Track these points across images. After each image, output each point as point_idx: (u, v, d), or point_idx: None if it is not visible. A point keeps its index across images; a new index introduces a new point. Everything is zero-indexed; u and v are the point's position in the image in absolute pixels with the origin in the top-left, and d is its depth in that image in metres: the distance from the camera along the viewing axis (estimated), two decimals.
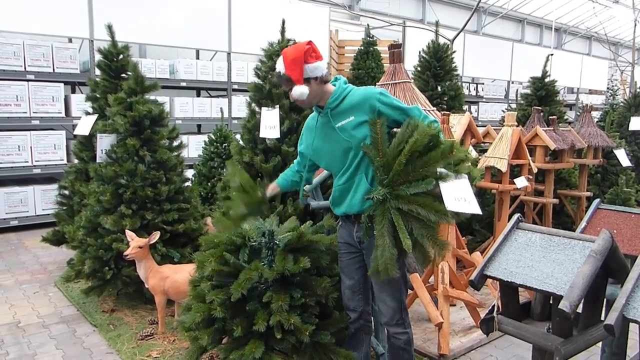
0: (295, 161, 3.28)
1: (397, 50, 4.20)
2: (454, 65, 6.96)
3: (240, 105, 9.32)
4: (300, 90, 2.75)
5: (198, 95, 10.52)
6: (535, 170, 5.12)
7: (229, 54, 9.31)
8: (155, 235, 4.03)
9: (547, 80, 7.35)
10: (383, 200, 2.57)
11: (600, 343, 2.68)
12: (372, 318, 3.34)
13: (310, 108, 3.04)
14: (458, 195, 2.51)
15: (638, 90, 8.97)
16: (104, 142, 4.66)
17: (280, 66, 2.81)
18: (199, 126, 10.24)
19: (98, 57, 5.38)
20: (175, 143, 4.92)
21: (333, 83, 2.92)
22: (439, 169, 2.56)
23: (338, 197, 2.97)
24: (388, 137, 2.76)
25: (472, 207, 2.48)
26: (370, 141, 2.70)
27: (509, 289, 2.27)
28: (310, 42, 2.82)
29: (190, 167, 7.02)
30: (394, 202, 2.54)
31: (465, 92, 13.12)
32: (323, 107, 2.87)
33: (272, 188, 3.23)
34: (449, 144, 2.60)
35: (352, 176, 2.85)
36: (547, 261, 2.12)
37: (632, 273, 1.94)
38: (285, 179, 3.26)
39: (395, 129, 2.82)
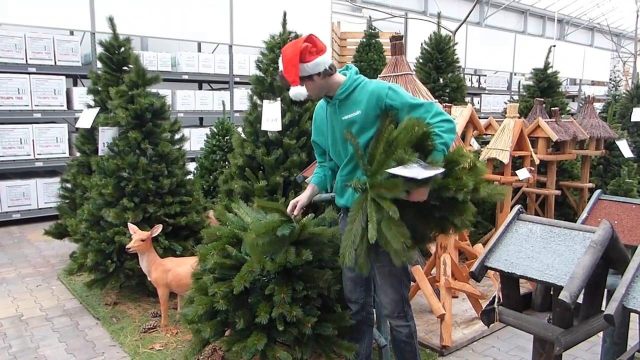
0: (315, 156, 3.23)
1: (398, 42, 4.19)
2: (456, 57, 6.95)
3: (242, 98, 9.31)
4: (295, 91, 2.70)
5: (200, 88, 10.51)
6: (537, 162, 5.11)
7: (230, 46, 9.29)
8: (158, 228, 4.04)
9: (549, 71, 7.34)
10: (364, 190, 2.50)
11: (601, 333, 2.68)
12: (374, 310, 3.35)
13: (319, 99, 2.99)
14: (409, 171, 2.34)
15: None
16: (106, 135, 4.67)
17: (280, 65, 2.77)
18: (200, 119, 10.24)
19: (99, 49, 5.37)
20: (177, 136, 4.92)
21: (343, 72, 2.86)
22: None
23: (340, 187, 2.97)
24: (375, 126, 2.71)
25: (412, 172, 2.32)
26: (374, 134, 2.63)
27: (509, 280, 2.28)
28: (309, 37, 2.76)
29: (193, 160, 7.04)
30: (371, 192, 2.45)
31: (468, 83, 13.10)
32: (332, 97, 2.83)
33: (310, 188, 3.11)
34: (422, 132, 2.46)
35: (354, 168, 2.83)
36: (548, 252, 2.12)
37: (632, 263, 1.94)
38: (317, 176, 3.16)
39: None
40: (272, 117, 4.21)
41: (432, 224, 2.64)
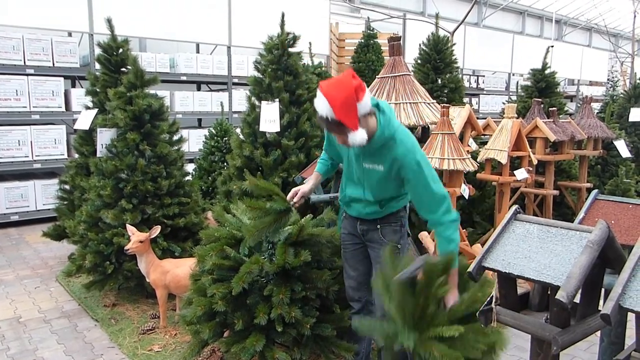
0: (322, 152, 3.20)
1: (396, 43, 4.20)
2: (454, 57, 6.94)
3: (240, 99, 9.31)
4: (360, 137, 2.43)
5: (198, 89, 10.51)
6: (535, 162, 5.12)
7: (229, 47, 9.30)
8: (156, 230, 4.05)
9: (547, 72, 7.35)
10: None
11: (599, 332, 2.69)
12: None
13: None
14: None
15: (638, 81, 8.95)
16: (104, 137, 4.67)
17: (324, 108, 2.42)
18: (199, 120, 10.24)
19: (98, 51, 5.37)
20: (176, 137, 4.92)
21: (374, 104, 2.58)
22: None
23: (349, 200, 2.96)
24: (395, 182, 2.69)
25: None
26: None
27: (507, 280, 2.28)
28: (352, 72, 2.46)
29: (191, 161, 7.03)
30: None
31: (466, 84, 13.10)
32: None
33: (315, 177, 3.08)
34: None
35: (367, 196, 2.85)
36: (545, 252, 2.13)
37: (628, 262, 1.94)
38: (322, 164, 3.14)
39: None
40: (270, 118, 4.21)
41: None
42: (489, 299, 2.31)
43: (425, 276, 2.29)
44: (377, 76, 4.35)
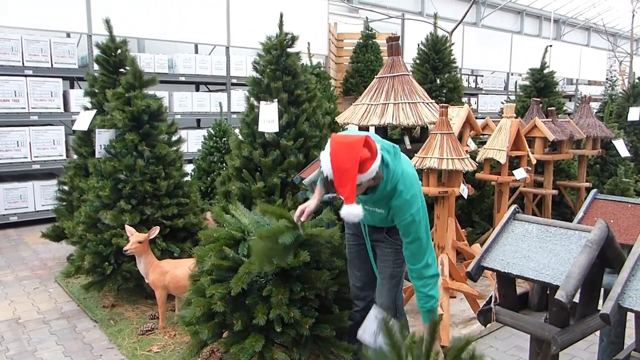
0: None
1: (395, 43, 4.20)
2: (452, 57, 6.95)
3: (239, 100, 9.30)
4: (348, 210, 2.34)
5: (197, 89, 10.50)
6: (534, 162, 5.12)
7: (227, 48, 9.29)
8: (155, 230, 4.04)
9: (546, 71, 7.36)
10: None
11: (598, 332, 2.69)
12: None
13: None
14: None
15: (636, 80, 8.96)
16: (103, 137, 4.66)
17: (326, 167, 2.39)
18: (198, 121, 10.23)
19: (96, 51, 5.36)
20: (174, 138, 4.92)
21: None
22: None
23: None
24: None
25: None
26: None
27: (506, 280, 2.28)
28: (367, 141, 2.37)
29: (190, 161, 7.02)
30: None
31: (465, 84, 13.11)
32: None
33: (319, 192, 2.98)
34: None
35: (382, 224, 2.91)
36: (544, 252, 2.13)
37: (627, 262, 1.95)
38: None
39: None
40: (269, 119, 4.21)
41: None
42: (488, 298, 2.31)
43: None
44: (375, 76, 4.35)
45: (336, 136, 2.41)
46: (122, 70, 5.34)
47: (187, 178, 5.04)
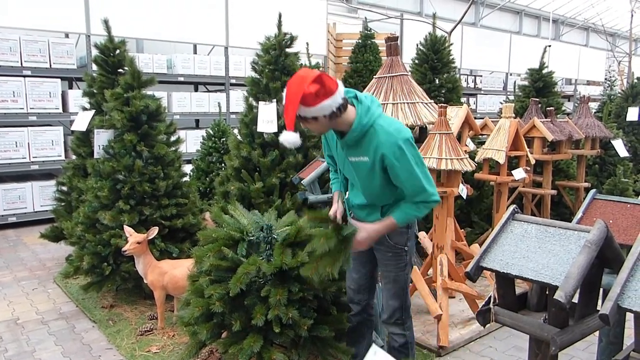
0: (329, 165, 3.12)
1: (393, 43, 4.19)
2: (451, 57, 6.94)
3: (238, 100, 9.29)
4: (283, 137, 2.47)
5: (196, 90, 10.50)
6: (533, 162, 5.12)
7: (226, 48, 9.29)
8: (154, 231, 4.04)
9: (544, 71, 7.35)
10: None
11: (597, 332, 2.69)
12: (375, 312, 3.35)
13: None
14: None
15: (635, 80, 8.97)
16: (102, 138, 4.66)
17: (283, 97, 2.50)
18: (197, 121, 10.23)
19: (95, 52, 5.36)
20: (173, 138, 4.92)
21: (351, 101, 2.58)
22: None
23: (351, 206, 2.93)
24: (384, 176, 2.62)
25: None
26: None
27: (505, 280, 2.28)
28: (319, 77, 2.43)
29: (189, 162, 7.02)
30: None
31: (463, 84, 13.12)
32: (341, 133, 2.64)
33: (338, 195, 2.95)
34: None
35: (366, 200, 2.81)
36: (543, 252, 2.13)
37: (627, 262, 1.94)
38: (338, 182, 3.03)
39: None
40: (267, 119, 4.21)
41: None
42: (487, 299, 2.30)
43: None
44: (374, 76, 4.34)
45: (301, 70, 2.51)
46: (120, 70, 5.34)
47: (186, 178, 5.04)
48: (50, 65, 7.45)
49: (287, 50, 4.40)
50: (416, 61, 6.98)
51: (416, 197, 2.58)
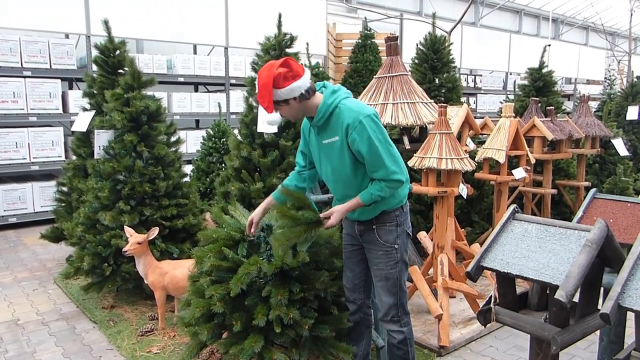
0: (296, 161, 3.17)
1: (393, 43, 4.19)
2: (451, 57, 6.94)
3: (238, 100, 9.30)
4: (270, 118, 2.72)
5: (196, 90, 10.50)
6: (533, 161, 5.12)
7: (226, 48, 9.29)
8: (154, 231, 4.04)
9: (544, 71, 7.35)
10: None
11: (598, 332, 2.69)
12: (372, 311, 3.35)
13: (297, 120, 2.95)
14: None
15: (635, 79, 8.97)
16: (102, 138, 4.66)
17: (256, 88, 2.70)
18: (197, 121, 10.23)
19: (95, 52, 5.36)
20: (173, 138, 4.92)
21: (320, 90, 2.78)
22: None
23: (337, 203, 2.96)
24: (353, 156, 2.71)
25: None
26: None
27: (505, 280, 2.28)
28: (285, 61, 2.64)
29: (189, 162, 7.02)
30: None
31: (463, 83, 13.12)
32: (313, 119, 2.79)
33: (267, 202, 3.07)
34: None
35: (345, 195, 2.86)
36: (543, 251, 2.13)
37: (627, 261, 1.94)
38: (290, 178, 3.15)
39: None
40: (268, 119, 4.20)
41: None
42: (488, 298, 2.30)
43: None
44: (374, 76, 4.34)
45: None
46: (120, 71, 5.34)
47: (186, 179, 5.04)
48: (51, 66, 7.45)
49: (287, 50, 4.40)
50: (416, 61, 6.97)
51: (377, 173, 2.69)
